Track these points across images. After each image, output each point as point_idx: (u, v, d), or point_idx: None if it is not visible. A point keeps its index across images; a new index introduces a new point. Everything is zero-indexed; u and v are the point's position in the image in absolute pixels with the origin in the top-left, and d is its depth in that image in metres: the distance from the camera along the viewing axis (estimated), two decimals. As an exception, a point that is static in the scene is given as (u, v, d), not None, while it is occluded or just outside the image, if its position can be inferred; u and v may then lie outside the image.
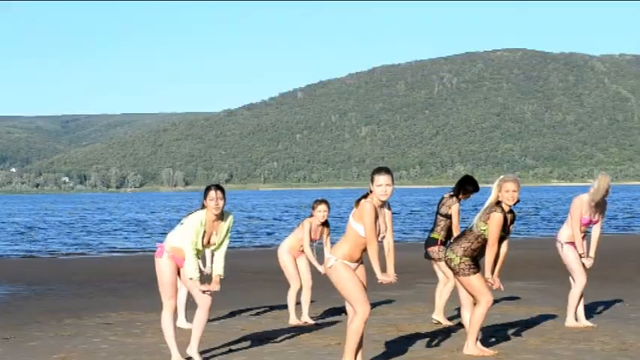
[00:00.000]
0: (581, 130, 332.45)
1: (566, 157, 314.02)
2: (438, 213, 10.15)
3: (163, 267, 7.92)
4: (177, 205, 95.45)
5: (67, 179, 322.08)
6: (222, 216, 7.91)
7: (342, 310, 11.29)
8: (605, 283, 14.74)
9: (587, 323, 9.71)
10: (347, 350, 7.04)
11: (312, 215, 10.36)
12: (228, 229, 8.03)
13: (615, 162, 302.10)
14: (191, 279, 7.81)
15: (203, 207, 7.87)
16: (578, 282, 9.67)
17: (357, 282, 6.99)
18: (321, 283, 11.19)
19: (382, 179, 6.96)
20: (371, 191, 7.00)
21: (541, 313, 10.87)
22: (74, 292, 15.10)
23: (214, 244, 7.99)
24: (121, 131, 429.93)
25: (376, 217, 6.95)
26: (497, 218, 7.90)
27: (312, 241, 10.35)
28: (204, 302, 7.91)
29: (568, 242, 9.64)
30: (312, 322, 10.48)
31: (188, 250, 7.81)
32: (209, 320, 10.95)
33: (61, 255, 26.02)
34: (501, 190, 7.98)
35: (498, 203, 8.00)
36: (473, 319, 8.03)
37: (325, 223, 10.38)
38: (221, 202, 7.80)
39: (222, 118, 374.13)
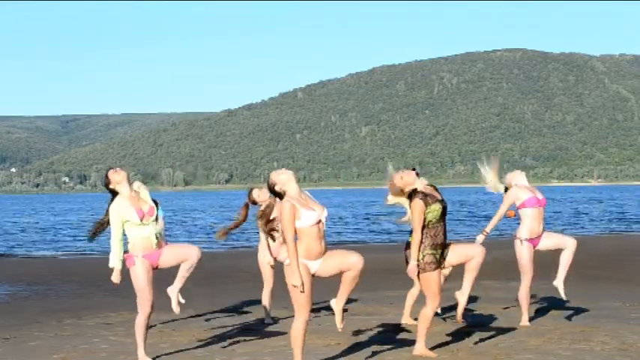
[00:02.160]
0: (581, 130, 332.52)
1: (566, 157, 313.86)
2: None
3: (137, 272, 7.94)
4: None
5: (67, 179, 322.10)
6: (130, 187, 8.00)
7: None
8: (605, 283, 14.74)
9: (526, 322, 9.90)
10: (295, 353, 7.20)
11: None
12: (150, 200, 8.08)
13: (615, 162, 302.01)
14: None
15: (113, 193, 7.97)
16: (525, 280, 9.83)
17: (307, 286, 7.00)
18: (319, 284, 11.17)
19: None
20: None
21: (541, 313, 10.87)
22: (74, 292, 15.10)
23: (152, 216, 7.96)
24: (121, 131, 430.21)
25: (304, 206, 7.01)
26: (418, 205, 7.88)
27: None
28: (143, 308, 7.99)
29: (527, 239, 9.74)
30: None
31: (115, 240, 7.87)
32: (209, 320, 10.98)
33: (61, 255, 26.05)
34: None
35: (415, 190, 8.00)
36: (421, 319, 8.07)
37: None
38: (121, 171, 8.01)
39: (222, 118, 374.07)
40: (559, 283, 10.01)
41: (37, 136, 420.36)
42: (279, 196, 7.08)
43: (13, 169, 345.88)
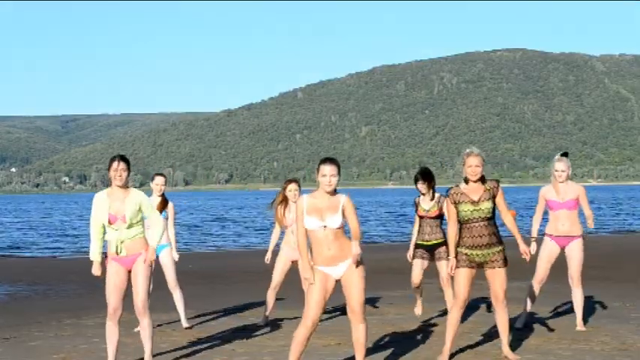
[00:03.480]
0: (581, 130, 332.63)
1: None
2: None
3: (107, 272, 7.69)
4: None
5: (67, 179, 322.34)
6: (126, 188, 7.67)
7: (342, 311, 11.30)
8: (606, 283, 14.74)
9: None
10: (290, 354, 7.08)
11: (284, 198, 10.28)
12: (142, 205, 7.68)
13: (615, 162, 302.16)
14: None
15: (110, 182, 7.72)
16: (535, 277, 9.68)
17: (313, 292, 6.87)
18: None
19: (327, 169, 6.84)
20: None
21: (541, 313, 10.86)
22: (74, 292, 15.10)
23: (125, 223, 7.58)
24: (121, 131, 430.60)
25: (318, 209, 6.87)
26: (447, 200, 7.78)
27: (285, 227, 10.29)
28: (138, 307, 7.73)
29: (547, 234, 9.60)
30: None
31: (91, 233, 7.67)
32: (209, 320, 10.98)
33: (61, 255, 26.06)
34: (464, 164, 7.78)
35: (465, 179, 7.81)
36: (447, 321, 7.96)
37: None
38: (124, 174, 7.63)
39: (222, 118, 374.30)
40: (520, 323, 9.76)
41: (37, 136, 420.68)
42: None
43: (13, 169, 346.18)
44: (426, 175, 9.96)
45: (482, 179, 7.77)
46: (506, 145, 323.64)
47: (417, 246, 10.06)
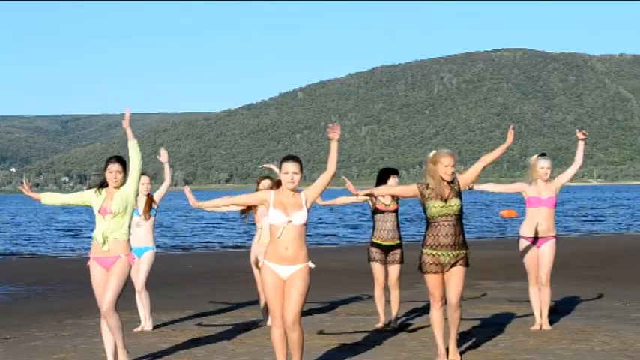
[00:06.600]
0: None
1: (566, 157, 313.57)
2: None
3: (91, 273, 7.68)
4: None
5: (67, 179, 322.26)
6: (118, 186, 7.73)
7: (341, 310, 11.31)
8: (606, 283, 14.74)
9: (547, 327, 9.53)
10: (276, 357, 7.00)
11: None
12: (125, 188, 7.72)
13: (615, 162, 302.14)
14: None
15: (104, 181, 7.71)
16: (529, 280, 9.59)
17: (271, 290, 6.82)
18: (320, 284, 11.18)
19: (290, 167, 6.89)
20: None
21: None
22: (74, 292, 15.10)
23: (115, 213, 7.57)
24: (121, 131, 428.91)
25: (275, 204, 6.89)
26: (412, 185, 7.78)
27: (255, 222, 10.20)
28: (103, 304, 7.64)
29: (523, 236, 9.50)
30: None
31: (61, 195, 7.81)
32: (209, 320, 10.97)
33: (61, 255, 26.06)
34: (436, 163, 7.65)
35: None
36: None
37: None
38: (119, 176, 7.68)
39: (222, 118, 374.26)
40: (537, 324, 9.67)
41: (37, 136, 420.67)
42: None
43: (13, 169, 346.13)
44: (397, 172, 10.32)
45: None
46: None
47: (372, 244, 9.95)
